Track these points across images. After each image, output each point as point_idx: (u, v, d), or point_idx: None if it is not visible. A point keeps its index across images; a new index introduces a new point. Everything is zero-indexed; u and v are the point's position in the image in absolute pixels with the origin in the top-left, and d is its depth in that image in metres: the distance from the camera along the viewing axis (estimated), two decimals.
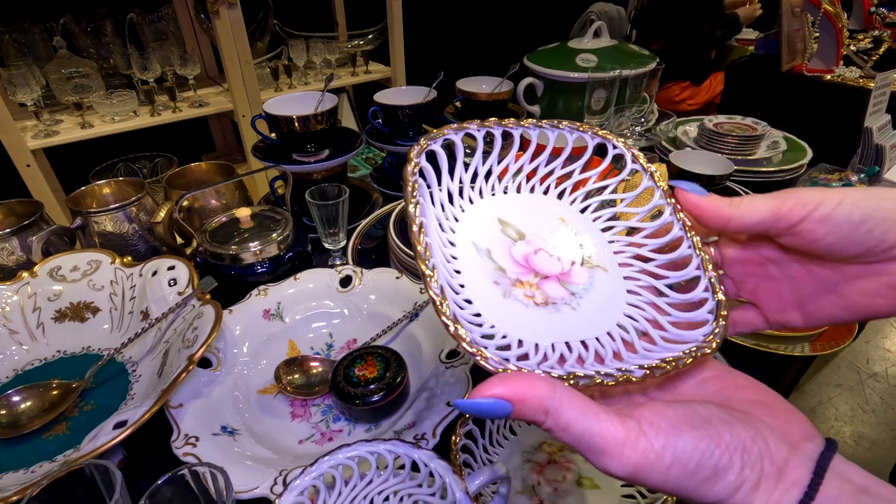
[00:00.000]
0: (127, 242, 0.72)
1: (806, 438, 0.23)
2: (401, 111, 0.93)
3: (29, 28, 1.33)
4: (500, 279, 0.28)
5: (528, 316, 0.27)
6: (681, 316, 0.29)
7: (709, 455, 0.21)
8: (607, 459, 0.21)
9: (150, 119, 1.38)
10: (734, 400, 0.24)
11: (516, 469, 0.51)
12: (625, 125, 1.05)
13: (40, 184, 1.28)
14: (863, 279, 0.27)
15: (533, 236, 0.31)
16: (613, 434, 0.21)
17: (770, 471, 0.21)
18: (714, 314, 0.28)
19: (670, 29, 1.94)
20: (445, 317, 0.23)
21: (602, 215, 0.33)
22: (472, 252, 0.28)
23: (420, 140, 0.29)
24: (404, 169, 0.27)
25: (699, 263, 0.30)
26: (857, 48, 2.02)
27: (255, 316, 0.63)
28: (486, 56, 2.03)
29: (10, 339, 0.61)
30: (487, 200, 0.31)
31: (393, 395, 0.52)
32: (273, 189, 0.90)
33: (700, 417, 0.22)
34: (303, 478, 0.36)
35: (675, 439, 0.21)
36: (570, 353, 0.26)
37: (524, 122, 0.32)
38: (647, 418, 0.22)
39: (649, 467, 0.21)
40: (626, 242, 0.32)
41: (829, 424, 1.76)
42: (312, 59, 1.62)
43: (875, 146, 0.98)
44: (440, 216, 0.29)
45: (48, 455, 0.50)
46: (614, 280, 0.31)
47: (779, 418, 0.23)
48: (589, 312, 0.29)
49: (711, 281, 0.29)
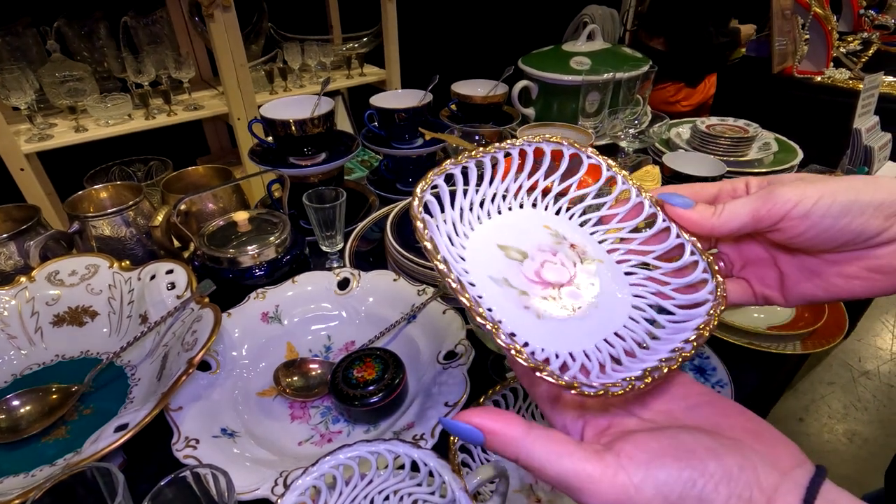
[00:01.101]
0: (125, 246, 0.72)
1: (796, 465, 0.23)
2: (397, 114, 0.93)
3: (22, 31, 1.32)
4: (528, 302, 0.29)
5: (565, 329, 0.28)
6: (680, 282, 0.30)
7: (691, 485, 0.21)
8: (585, 497, 0.21)
9: (145, 122, 1.38)
10: (724, 426, 0.24)
11: (514, 468, 0.51)
12: (618, 127, 1.06)
13: (34, 188, 1.27)
14: (842, 263, 0.28)
15: (533, 251, 0.31)
16: (589, 472, 0.21)
17: (759, 499, 0.21)
18: (709, 272, 0.30)
19: (675, 25, 1.95)
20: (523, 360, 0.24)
21: (574, 211, 0.34)
22: (492, 285, 0.29)
23: (415, 192, 0.29)
24: (415, 230, 0.27)
25: (677, 232, 0.31)
26: (846, 50, 2.05)
27: (254, 319, 0.64)
28: (481, 59, 2.03)
29: (8, 343, 0.61)
30: (479, 232, 0.32)
31: (391, 397, 0.53)
32: (270, 192, 0.90)
33: (684, 447, 0.22)
34: (304, 478, 0.36)
35: (656, 471, 0.21)
36: (614, 349, 0.28)
37: (489, 148, 0.33)
38: (626, 452, 0.22)
39: (630, 502, 0.21)
40: (605, 230, 0.34)
41: (823, 422, 1.79)
42: (307, 62, 1.63)
43: (864, 147, 0.99)
44: (454, 264, 0.29)
45: (48, 459, 0.50)
46: (612, 267, 0.32)
47: (768, 445, 0.23)
48: (608, 305, 0.30)
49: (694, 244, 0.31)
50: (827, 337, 0.68)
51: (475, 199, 0.33)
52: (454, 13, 2.31)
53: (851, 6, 2.31)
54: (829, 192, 0.26)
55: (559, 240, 0.33)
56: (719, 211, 0.29)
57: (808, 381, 1.88)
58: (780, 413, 1.72)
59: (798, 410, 1.74)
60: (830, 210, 0.26)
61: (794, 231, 0.27)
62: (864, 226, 0.26)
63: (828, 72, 1.89)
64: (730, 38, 1.91)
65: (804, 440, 1.61)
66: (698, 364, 0.65)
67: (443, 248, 0.28)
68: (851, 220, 0.26)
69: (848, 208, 0.26)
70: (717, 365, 0.64)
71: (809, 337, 0.68)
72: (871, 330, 2.13)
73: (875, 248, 0.27)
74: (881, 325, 2.15)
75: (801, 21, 1.86)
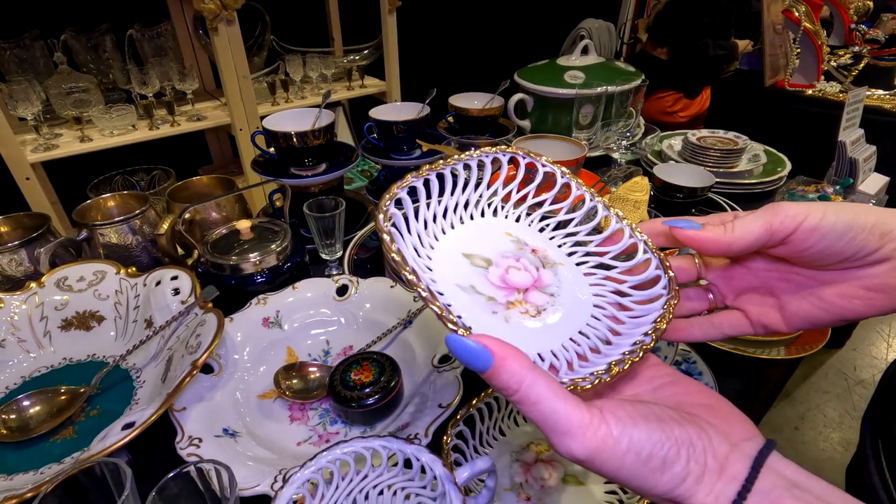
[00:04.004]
0: (131, 254, 0.75)
1: (746, 438, 0.25)
2: (395, 126, 0.96)
3: (30, 44, 1.35)
4: (496, 307, 0.30)
5: (534, 331, 0.30)
6: (636, 279, 0.32)
7: (660, 446, 0.23)
8: (570, 440, 0.23)
9: (149, 133, 1.40)
10: (685, 404, 0.27)
11: (505, 468, 0.53)
12: (612, 139, 1.09)
13: (39, 196, 1.30)
14: (840, 283, 0.30)
15: (497, 258, 0.33)
16: (579, 417, 0.23)
17: (713, 465, 0.23)
18: (661, 269, 0.32)
19: (676, 36, 2.00)
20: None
21: (533, 218, 0.36)
22: (461, 293, 0.30)
23: (380, 205, 0.30)
24: (383, 251, 0.29)
25: (630, 232, 0.33)
26: (837, 63, 2.09)
27: (255, 324, 0.66)
28: (478, 72, 2.08)
29: (18, 347, 0.63)
30: (444, 242, 0.33)
31: (387, 399, 0.55)
32: (272, 202, 0.93)
33: (654, 415, 0.24)
34: (302, 472, 0.38)
35: (631, 429, 0.23)
36: (579, 347, 0.29)
37: (447, 161, 0.35)
38: (608, 408, 0.24)
39: (608, 452, 0.23)
40: (564, 234, 0.36)
41: (818, 430, 1.80)
42: (309, 74, 1.66)
43: (849, 159, 1.02)
44: (422, 275, 0.31)
45: (56, 458, 0.52)
46: (571, 269, 0.34)
47: (723, 420, 0.26)
48: (571, 305, 0.32)
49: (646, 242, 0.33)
50: (810, 342, 0.70)
51: (438, 211, 0.34)
52: (453, 27, 2.35)
53: (843, 20, 2.35)
54: (831, 210, 0.28)
55: (521, 245, 0.35)
56: (730, 228, 0.29)
57: (804, 390, 1.89)
58: (775, 421, 1.73)
59: (793, 419, 1.75)
60: (836, 226, 0.27)
61: (802, 245, 0.28)
62: (864, 242, 0.28)
63: (819, 85, 1.93)
64: (727, 51, 1.95)
65: (799, 448, 1.62)
66: (685, 369, 0.67)
67: (410, 260, 0.29)
68: (854, 235, 0.27)
69: (850, 225, 0.27)
70: (703, 370, 0.66)
71: (794, 342, 0.71)
72: (867, 339, 2.15)
73: (871, 267, 0.28)
74: (876, 335, 2.17)
75: (792, 36, 1.91)
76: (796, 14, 1.90)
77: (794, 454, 1.60)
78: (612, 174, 1.04)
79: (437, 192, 0.34)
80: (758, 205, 1.05)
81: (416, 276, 0.27)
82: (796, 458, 0.27)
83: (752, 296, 0.33)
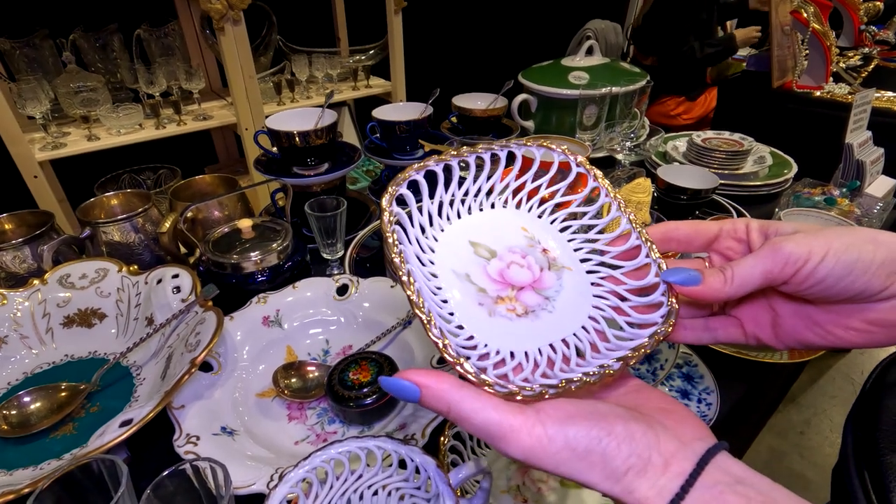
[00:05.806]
0: (133, 252, 0.75)
1: (697, 438, 0.25)
2: (398, 127, 0.96)
3: (39, 43, 1.37)
4: (483, 299, 0.30)
5: (515, 328, 0.30)
6: (639, 301, 0.32)
7: (597, 441, 0.24)
8: (505, 444, 0.24)
9: (156, 132, 1.41)
10: (642, 406, 0.27)
11: (502, 469, 0.53)
12: (616, 140, 1.09)
13: (47, 194, 1.31)
14: (842, 314, 0.29)
15: (503, 251, 0.33)
16: (510, 422, 0.24)
17: (657, 461, 0.24)
18: (666, 296, 0.31)
19: (661, 45, 2.00)
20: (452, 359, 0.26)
21: (558, 217, 0.36)
22: (454, 279, 0.31)
23: (388, 188, 0.31)
24: (381, 221, 0.30)
25: (647, 251, 0.32)
26: (846, 65, 2.07)
27: (255, 322, 0.66)
28: (482, 73, 2.08)
29: (20, 343, 0.63)
30: (455, 226, 0.33)
31: (385, 399, 0.55)
32: (274, 201, 0.93)
33: (598, 413, 0.25)
34: (296, 471, 0.38)
35: (567, 427, 0.24)
36: (555, 353, 0.29)
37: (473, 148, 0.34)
38: (545, 410, 0.25)
39: (542, 450, 0.24)
40: (583, 239, 0.35)
41: (824, 435, 1.78)
42: (314, 74, 1.67)
43: (856, 161, 1.01)
44: (419, 253, 0.31)
45: (55, 454, 0.53)
46: (579, 276, 0.33)
47: (676, 421, 0.26)
48: (564, 312, 0.31)
49: (660, 265, 0.32)
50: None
51: (457, 195, 0.34)
52: (458, 28, 2.35)
53: (853, 21, 2.33)
54: (832, 252, 0.27)
55: (532, 243, 0.34)
56: (730, 278, 0.29)
57: (811, 394, 1.87)
58: (780, 425, 1.72)
59: (799, 423, 1.74)
60: (834, 270, 0.27)
61: (801, 286, 0.28)
62: (867, 284, 0.27)
63: (827, 86, 1.91)
64: (721, 46, 1.93)
65: (805, 453, 1.61)
66: (686, 372, 0.66)
67: (412, 259, 0.29)
68: (855, 279, 0.27)
69: (851, 268, 0.27)
70: (704, 373, 0.65)
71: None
72: None
73: (876, 303, 0.28)
74: None
75: (801, 37, 1.89)
76: (805, 15, 1.88)
77: (799, 459, 1.58)
78: (616, 176, 1.03)
79: (456, 177, 0.34)
80: (763, 208, 1.05)
81: (409, 278, 0.28)
82: (801, 462, 0.27)
83: (752, 307, 0.33)
